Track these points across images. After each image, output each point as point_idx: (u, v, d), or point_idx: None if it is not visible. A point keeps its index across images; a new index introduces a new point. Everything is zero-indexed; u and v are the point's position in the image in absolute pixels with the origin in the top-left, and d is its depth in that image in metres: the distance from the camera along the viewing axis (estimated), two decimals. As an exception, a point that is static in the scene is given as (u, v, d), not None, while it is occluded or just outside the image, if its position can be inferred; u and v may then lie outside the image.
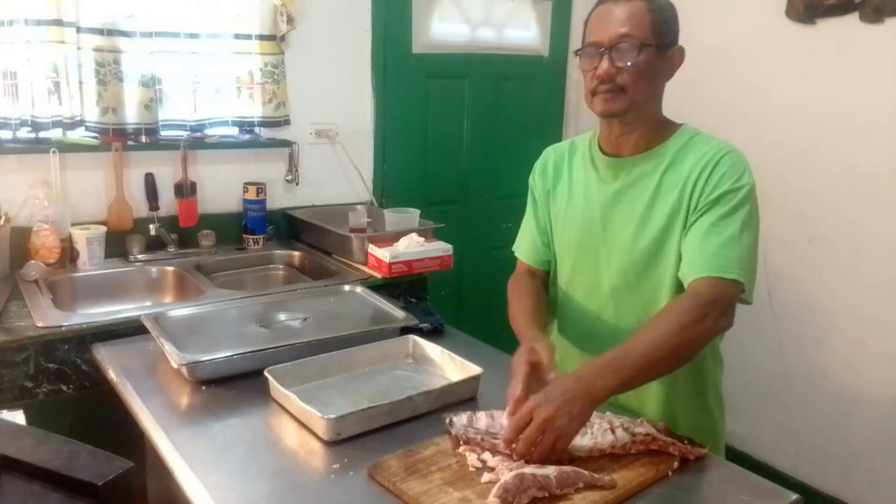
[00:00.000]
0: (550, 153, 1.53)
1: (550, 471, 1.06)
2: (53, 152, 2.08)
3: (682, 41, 1.33)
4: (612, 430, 1.18)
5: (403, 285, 2.16)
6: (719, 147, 1.30)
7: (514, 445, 1.11)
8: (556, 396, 1.10)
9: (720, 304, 1.21)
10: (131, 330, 1.66)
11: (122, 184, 2.21)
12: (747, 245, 1.24)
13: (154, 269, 2.18)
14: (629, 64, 1.25)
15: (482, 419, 1.21)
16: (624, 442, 1.16)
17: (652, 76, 1.28)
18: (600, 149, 1.41)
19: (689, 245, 1.26)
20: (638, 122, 1.32)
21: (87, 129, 2.16)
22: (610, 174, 1.38)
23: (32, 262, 1.99)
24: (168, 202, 2.30)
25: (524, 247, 1.56)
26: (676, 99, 1.41)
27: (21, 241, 2.02)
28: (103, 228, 2.13)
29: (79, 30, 2.06)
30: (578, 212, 1.42)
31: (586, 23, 1.33)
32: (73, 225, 2.11)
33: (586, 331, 1.45)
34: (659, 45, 1.27)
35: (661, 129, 1.35)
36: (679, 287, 1.29)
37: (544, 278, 1.54)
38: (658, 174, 1.32)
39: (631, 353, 1.17)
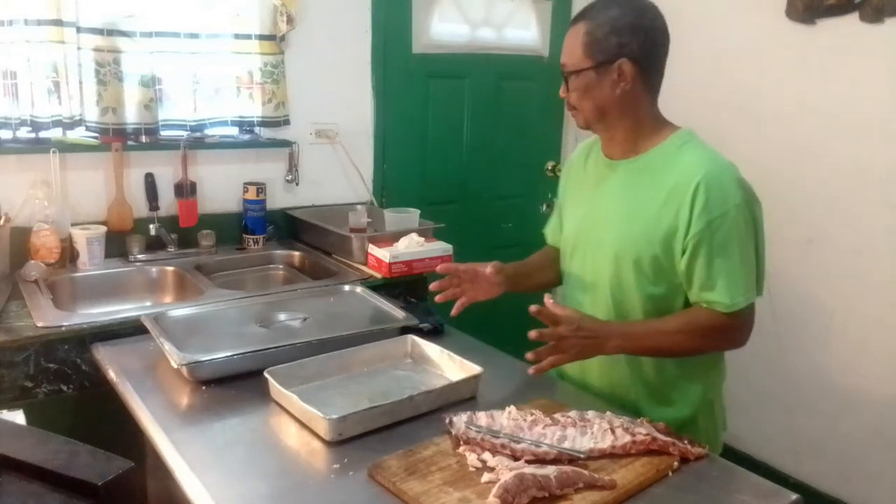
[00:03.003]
0: (578, 150, 1.63)
1: (550, 471, 1.06)
2: (53, 152, 2.08)
3: (681, 42, 1.35)
4: (612, 430, 1.18)
5: (403, 285, 2.16)
6: (702, 165, 1.33)
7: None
8: (582, 329, 1.29)
9: (742, 327, 1.37)
10: (131, 330, 1.65)
11: (122, 184, 2.20)
12: (749, 262, 1.34)
13: (154, 269, 2.17)
14: (570, 90, 1.40)
15: (482, 419, 1.21)
16: (624, 442, 1.16)
17: (594, 94, 1.38)
18: (601, 149, 1.51)
19: (700, 280, 1.33)
20: (609, 129, 1.43)
21: (87, 128, 2.15)
22: (604, 174, 1.47)
23: (32, 262, 1.99)
24: (168, 202, 2.30)
25: (549, 227, 1.71)
26: (676, 99, 1.42)
27: (21, 241, 2.02)
28: (103, 228, 2.13)
29: (79, 30, 2.06)
30: (581, 206, 1.53)
31: None
32: (73, 225, 2.11)
33: None
34: (595, 65, 1.36)
35: (648, 134, 1.41)
36: (651, 296, 1.39)
37: (557, 252, 1.67)
38: (645, 179, 1.39)
39: (652, 334, 1.36)
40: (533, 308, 1.27)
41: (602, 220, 1.44)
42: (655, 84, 1.40)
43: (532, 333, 1.26)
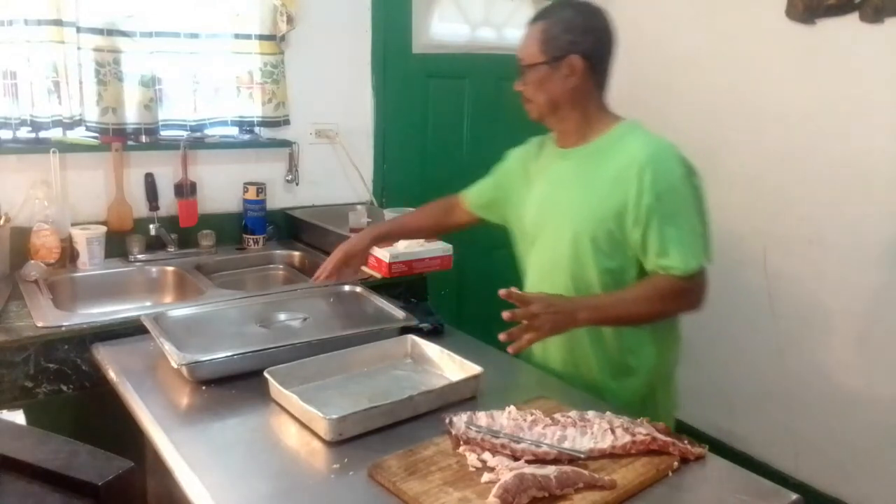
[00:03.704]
0: (533, 141, 1.74)
1: (550, 471, 1.06)
2: (53, 152, 2.08)
3: (682, 42, 1.36)
4: (612, 430, 1.18)
5: (403, 285, 2.16)
6: (646, 147, 1.44)
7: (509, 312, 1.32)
8: (553, 306, 1.36)
9: (697, 290, 1.46)
10: (131, 330, 1.65)
11: (122, 184, 2.21)
12: (697, 230, 1.44)
13: (154, 269, 2.18)
14: (525, 83, 1.53)
15: (482, 419, 1.21)
16: (624, 442, 1.16)
17: (547, 87, 1.50)
18: (555, 143, 1.62)
19: (655, 249, 1.42)
20: (560, 121, 1.55)
21: (87, 128, 2.15)
22: (557, 163, 1.58)
23: (32, 262, 1.99)
24: (168, 202, 2.30)
25: (475, 187, 1.86)
26: (676, 99, 1.43)
27: (21, 241, 2.02)
28: (103, 228, 2.13)
29: (79, 30, 2.06)
30: (537, 196, 1.61)
31: None
32: (73, 225, 2.11)
33: None
34: (549, 59, 1.48)
35: (596, 124, 1.53)
36: (608, 270, 1.47)
37: (462, 210, 1.90)
38: (595, 163, 1.50)
39: (618, 305, 1.44)
40: (502, 291, 1.32)
41: (558, 206, 1.54)
42: (603, 81, 1.53)
43: (506, 314, 1.32)
